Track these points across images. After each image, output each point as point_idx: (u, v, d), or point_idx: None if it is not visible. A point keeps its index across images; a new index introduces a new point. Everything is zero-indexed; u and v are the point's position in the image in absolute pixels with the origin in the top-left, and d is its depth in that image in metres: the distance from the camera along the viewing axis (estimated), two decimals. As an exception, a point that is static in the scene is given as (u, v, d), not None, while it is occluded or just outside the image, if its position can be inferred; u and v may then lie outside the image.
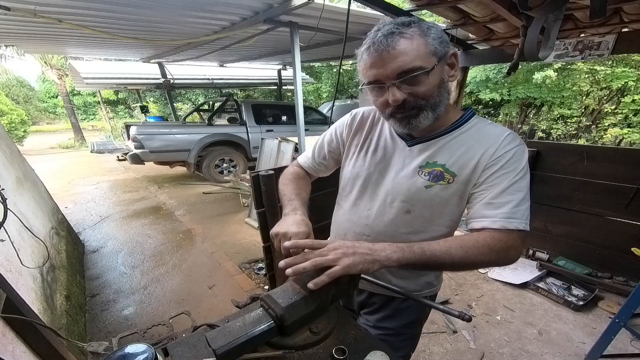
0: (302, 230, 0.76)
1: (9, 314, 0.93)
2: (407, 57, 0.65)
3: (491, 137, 0.73)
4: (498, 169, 0.71)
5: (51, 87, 20.53)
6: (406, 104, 0.70)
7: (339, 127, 0.98)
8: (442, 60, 0.68)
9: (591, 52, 2.08)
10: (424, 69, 0.65)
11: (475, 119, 0.78)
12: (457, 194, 0.76)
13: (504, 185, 0.70)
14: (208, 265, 2.92)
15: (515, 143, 0.72)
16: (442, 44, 0.67)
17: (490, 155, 0.71)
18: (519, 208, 0.69)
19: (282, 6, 2.74)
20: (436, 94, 0.70)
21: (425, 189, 0.77)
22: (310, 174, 1.08)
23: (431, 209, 0.79)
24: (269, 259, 1.97)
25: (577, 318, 2.14)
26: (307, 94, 13.17)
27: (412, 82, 0.67)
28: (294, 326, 0.63)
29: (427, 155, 0.78)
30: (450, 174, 0.75)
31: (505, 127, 0.78)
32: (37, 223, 2.18)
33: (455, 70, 0.72)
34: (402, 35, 0.64)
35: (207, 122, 5.74)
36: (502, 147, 0.71)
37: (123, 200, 4.84)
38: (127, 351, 0.49)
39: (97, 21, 3.16)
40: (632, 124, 7.20)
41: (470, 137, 0.75)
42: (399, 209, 0.81)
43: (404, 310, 0.95)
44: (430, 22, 0.69)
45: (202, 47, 4.75)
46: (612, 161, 2.35)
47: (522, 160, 0.71)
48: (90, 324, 2.17)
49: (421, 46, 0.65)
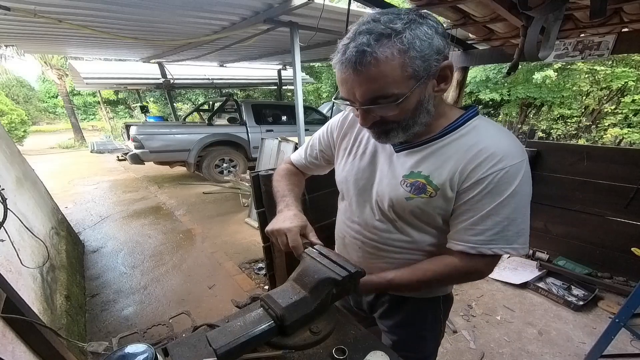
0: (295, 225, 0.77)
1: (9, 314, 0.93)
2: (377, 84, 0.57)
3: (483, 150, 0.64)
4: (481, 190, 0.64)
5: (51, 87, 20.51)
6: (374, 126, 0.66)
7: (330, 126, 0.94)
8: (426, 79, 0.59)
9: (591, 52, 2.08)
10: (396, 96, 0.58)
11: (475, 121, 0.68)
12: (440, 211, 0.70)
13: (486, 210, 0.64)
14: (208, 265, 2.92)
15: (509, 162, 0.62)
16: (427, 61, 0.57)
17: (473, 171, 0.64)
18: (501, 234, 0.65)
19: (282, 6, 2.74)
20: (409, 117, 0.64)
21: (405, 200, 0.71)
22: (303, 172, 1.05)
23: (415, 221, 0.74)
24: (269, 259, 1.97)
25: (577, 318, 2.14)
26: (307, 94, 13.18)
27: (381, 107, 0.61)
28: (294, 326, 0.63)
29: (412, 163, 0.71)
30: (433, 187, 0.68)
31: (508, 134, 0.67)
32: (37, 223, 2.18)
33: (447, 83, 0.63)
34: (375, 55, 0.54)
35: (207, 122, 5.73)
36: (492, 165, 0.63)
37: (123, 200, 4.84)
38: (127, 351, 0.49)
39: (97, 21, 3.16)
40: (632, 124, 7.21)
41: (461, 146, 0.66)
42: (386, 217, 0.78)
43: (419, 314, 0.91)
44: (425, 24, 0.57)
45: (202, 47, 4.75)
46: (612, 161, 2.34)
47: (513, 182, 0.63)
48: (90, 324, 2.17)
49: (396, 69, 0.56)
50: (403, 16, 0.56)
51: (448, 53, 0.61)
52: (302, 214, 0.83)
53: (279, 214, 0.84)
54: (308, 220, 0.82)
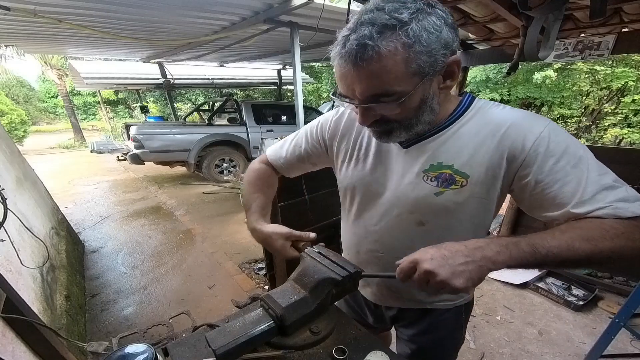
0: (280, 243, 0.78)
1: (9, 314, 0.93)
2: (379, 81, 0.53)
3: (513, 124, 0.60)
4: (549, 157, 0.57)
5: (51, 87, 20.53)
6: (375, 124, 0.62)
7: (320, 125, 0.86)
8: (431, 75, 0.55)
9: (591, 52, 2.08)
10: (399, 93, 0.54)
11: (477, 103, 0.66)
12: (476, 197, 0.64)
13: (578, 171, 0.57)
14: (208, 265, 2.92)
15: (543, 122, 0.59)
16: (433, 56, 0.52)
17: (523, 145, 0.58)
18: (626, 192, 0.57)
19: (282, 6, 2.74)
20: (412, 115, 0.60)
21: (435, 196, 0.65)
22: (277, 171, 0.96)
23: (447, 217, 0.68)
24: (269, 259, 1.97)
25: (577, 318, 2.13)
26: (307, 94, 13.18)
27: (383, 106, 0.57)
28: (294, 326, 0.63)
29: (428, 156, 0.66)
30: (462, 175, 0.63)
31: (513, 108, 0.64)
32: (37, 223, 2.18)
33: (454, 79, 0.59)
34: (377, 49, 0.50)
35: (207, 122, 5.74)
36: (536, 132, 0.58)
37: (123, 200, 4.84)
38: (127, 351, 0.49)
39: (97, 21, 3.17)
40: (632, 124, 7.21)
41: (476, 129, 0.63)
42: (409, 222, 0.71)
43: (441, 323, 0.87)
44: (434, 14, 0.52)
45: (202, 47, 4.75)
46: (612, 161, 2.31)
47: (564, 137, 0.58)
48: (90, 324, 2.17)
49: (400, 65, 0.52)
50: (410, 4, 0.51)
51: (456, 47, 0.56)
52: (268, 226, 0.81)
53: (252, 233, 0.84)
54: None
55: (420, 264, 0.54)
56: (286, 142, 0.94)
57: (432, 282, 0.52)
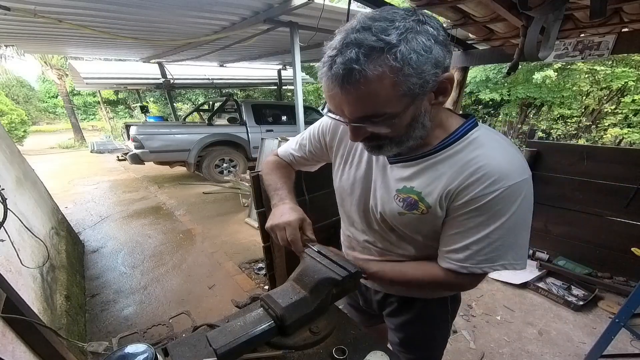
0: (294, 219, 0.77)
1: (9, 314, 0.93)
2: (367, 104, 0.53)
3: (479, 169, 0.59)
4: (473, 210, 0.60)
5: (51, 87, 20.52)
6: (366, 140, 0.63)
7: (322, 127, 0.89)
8: (422, 95, 0.54)
9: (591, 52, 2.08)
10: (389, 115, 0.54)
11: (475, 133, 0.63)
12: (433, 227, 0.69)
13: (482, 233, 0.61)
14: (208, 265, 2.92)
15: (507, 182, 0.57)
16: (423, 77, 0.51)
17: (466, 190, 0.60)
18: (494, 253, 0.62)
19: (282, 6, 2.74)
20: (404, 132, 0.59)
21: (398, 215, 0.70)
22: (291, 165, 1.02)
23: (410, 232, 0.73)
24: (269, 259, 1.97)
25: (577, 318, 2.13)
26: (307, 94, 13.17)
27: (373, 125, 0.57)
28: (294, 326, 0.63)
29: (405, 177, 0.68)
30: (425, 204, 0.65)
31: (509, 149, 0.62)
32: (37, 223, 2.18)
33: (446, 95, 0.58)
34: (364, 74, 0.49)
35: (207, 122, 5.74)
36: (486, 186, 0.58)
37: (123, 200, 4.84)
38: (127, 351, 0.49)
39: (97, 21, 3.17)
40: (632, 124, 7.21)
41: (456, 162, 0.62)
42: (385, 227, 0.77)
43: (426, 313, 0.92)
44: (423, 32, 0.50)
45: (202, 47, 4.75)
46: (612, 161, 2.34)
47: (510, 204, 0.58)
48: (90, 324, 2.17)
49: (388, 89, 0.50)
50: (399, 23, 0.49)
51: (449, 64, 0.55)
52: (297, 206, 0.84)
53: (274, 208, 0.84)
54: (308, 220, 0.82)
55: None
56: (292, 142, 0.99)
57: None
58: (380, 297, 0.97)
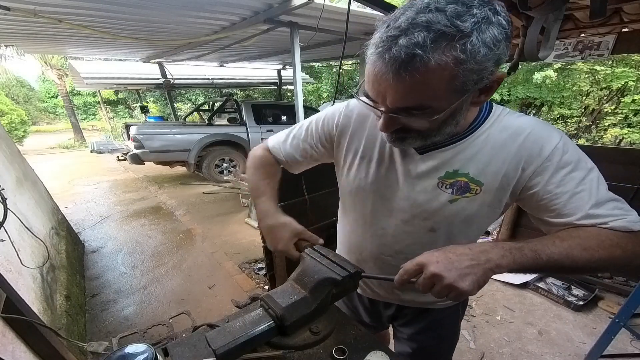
0: (289, 235, 0.76)
1: (9, 314, 0.93)
2: (416, 95, 0.49)
3: (530, 134, 0.59)
4: (561, 167, 0.58)
5: (51, 87, 20.51)
6: (394, 131, 0.59)
7: (326, 119, 0.80)
8: (471, 92, 0.50)
9: (591, 52, 2.08)
10: (434, 109, 0.50)
11: (495, 112, 0.64)
12: (487, 204, 0.65)
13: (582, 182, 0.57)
14: (208, 265, 2.92)
15: (556, 134, 0.60)
16: (481, 74, 0.47)
17: (539, 155, 0.58)
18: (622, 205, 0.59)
19: (282, 6, 2.74)
20: (436, 128, 0.56)
21: (449, 203, 0.65)
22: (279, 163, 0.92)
23: (459, 224, 0.68)
24: (269, 259, 1.97)
25: (577, 318, 2.13)
26: (307, 94, 13.17)
27: (410, 117, 0.53)
28: (294, 326, 0.63)
29: (444, 163, 0.64)
30: (476, 183, 0.62)
31: (531, 117, 0.64)
32: (37, 223, 2.18)
33: (489, 94, 0.55)
34: (426, 63, 0.44)
35: (207, 122, 5.74)
36: (552, 144, 0.58)
37: (123, 200, 4.84)
38: (127, 351, 0.49)
39: (97, 21, 3.17)
40: (632, 124, 7.21)
41: (494, 137, 0.62)
42: (420, 227, 0.70)
43: (441, 321, 0.89)
44: (497, 24, 0.45)
45: (202, 47, 4.75)
46: (612, 161, 2.34)
47: (576, 150, 0.59)
48: (90, 324, 2.17)
49: (444, 82, 0.46)
50: (476, 10, 0.43)
51: (504, 62, 0.51)
52: (282, 215, 0.79)
53: (264, 218, 0.81)
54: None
55: (426, 267, 0.53)
56: (288, 135, 0.88)
57: (438, 286, 0.52)
58: (393, 312, 0.93)
